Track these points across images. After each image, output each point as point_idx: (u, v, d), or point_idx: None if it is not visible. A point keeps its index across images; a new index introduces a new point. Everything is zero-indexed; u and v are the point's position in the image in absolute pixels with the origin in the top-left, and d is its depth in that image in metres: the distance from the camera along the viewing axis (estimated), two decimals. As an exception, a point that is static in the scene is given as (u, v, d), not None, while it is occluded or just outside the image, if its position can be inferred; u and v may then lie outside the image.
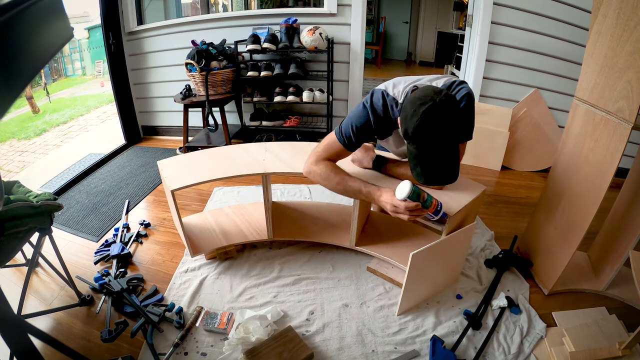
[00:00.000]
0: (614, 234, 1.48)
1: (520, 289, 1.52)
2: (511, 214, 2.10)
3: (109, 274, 1.56)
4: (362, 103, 1.24)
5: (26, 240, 1.30)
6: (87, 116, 5.04)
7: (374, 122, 1.22)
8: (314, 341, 1.29)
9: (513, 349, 1.25)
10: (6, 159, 3.70)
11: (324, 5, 2.69)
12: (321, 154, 1.32)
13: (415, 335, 1.30)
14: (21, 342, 0.87)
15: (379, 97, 1.21)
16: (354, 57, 2.80)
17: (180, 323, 1.34)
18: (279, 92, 2.74)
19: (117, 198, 2.28)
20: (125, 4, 2.91)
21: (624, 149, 1.15)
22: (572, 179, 1.39)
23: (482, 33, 2.55)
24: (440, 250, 1.30)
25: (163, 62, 3.07)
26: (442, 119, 1.00)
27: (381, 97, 1.21)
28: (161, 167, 1.56)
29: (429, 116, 0.99)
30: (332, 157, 1.33)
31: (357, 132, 1.24)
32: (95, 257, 1.71)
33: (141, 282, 1.56)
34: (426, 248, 1.23)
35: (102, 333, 1.28)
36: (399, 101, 1.18)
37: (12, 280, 1.62)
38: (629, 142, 1.13)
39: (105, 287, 1.47)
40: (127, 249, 1.73)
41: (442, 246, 1.29)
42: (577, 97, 1.37)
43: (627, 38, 1.10)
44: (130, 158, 2.93)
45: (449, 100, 1.01)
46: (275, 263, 1.65)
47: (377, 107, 1.21)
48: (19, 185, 1.40)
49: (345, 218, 1.77)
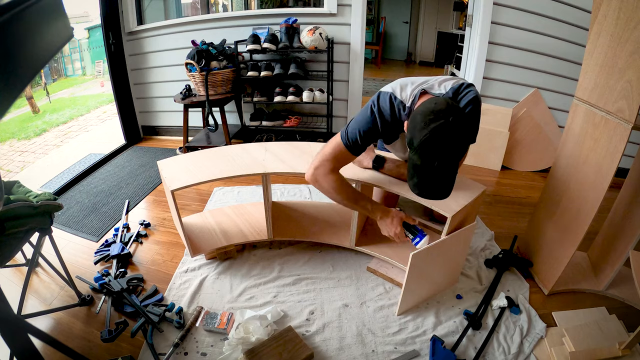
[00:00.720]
0: (614, 234, 1.48)
1: (520, 289, 1.52)
2: (511, 214, 2.10)
3: (109, 274, 1.56)
4: (369, 107, 1.23)
5: (26, 240, 1.30)
6: (87, 116, 5.04)
7: (381, 127, 1.21)
8: (314, 341, 1.29)
9: (513, 349, 1.25)
10: (6, 159, 3.71)
11: (324, 5, 2.69)
12: (326, 160, 1.27)
13: (415, 335, 1.30)
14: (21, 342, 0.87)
15: (386, 100, 1.19)
16: (354, 57, 2.80)
17: (180, 323, 1.34)
18: (279, 92, 2.74)
19: (117, 198, 2.28)
20: (125, 4, 2.91)
21: (624, 149, 1.15)
22: (572, 179, 1.39)
23: (482, 33, 2.55)
24: (440, 250, 1.30)
25: (163, 62, 3.07)
26: (450, 139, 0.98)
27: (388, 100, 1.19)
28: (161, 167, 1.56)
29: (439, 134, 0.97)
30: (339, 163, 1.29)
31: (364, 136, 1.22)
32: (95, 257, 1.71)
33: (141, 282, 1.56)
34: (426, 248, 1.23)
35: (102, 333, 1.28)
36: (406, 105, 1.17)
37: (12, 280, 1.62)
38: (629, 142, 1.13)
39: (105, 287, 1.47)
40: (127, 249, 1.73)
41: (442, 246, 1.29)
42: (577, 97, 1.37)
43: (627, 38, 1.10)
44: (130, 158, 2.93)
45: (460, 121, 0.99)
46: (275, 263, 1.65)
47: (385, 112, 1.19)
48: (19, 185, 1.40)
49: (345, 218, 1.77)
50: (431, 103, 1.03)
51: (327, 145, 1.30)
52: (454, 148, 1.00)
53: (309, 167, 1.31)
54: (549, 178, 1.56)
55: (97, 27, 3.26)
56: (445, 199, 1.09)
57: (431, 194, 1.07)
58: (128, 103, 3.21)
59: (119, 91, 3.10)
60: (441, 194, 1.07)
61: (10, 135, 4.14)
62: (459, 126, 0.98)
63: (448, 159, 1.00)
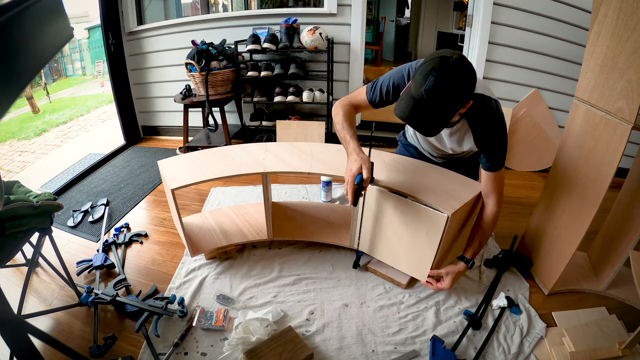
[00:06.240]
0: (614, 234, 1.48)
1: (520, 289, 1.52)
2: (511, 214, 2.10)
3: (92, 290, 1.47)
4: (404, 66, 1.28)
5: (26, 240, 1.30)
6: (87, 116, 5.05)
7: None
8: (314, 341, 1.29)
9: (513, 349, 1.25)
10: (6, 159, 3.71)
11: (324, 5, 2.69)
12: (346, 97, 1.42)
13: (415, 335, 1.30)
14: (21, 342, 0.87)
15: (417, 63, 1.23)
16: (354, 57, 2.80)
17: (183, 312, 1.34)
18: (279, 92, 2.74)
19: (117, 198, 2.28)
20: (125, 4, 2.91)
21: (624, 149, 1.15)
22: (572, 179, 1.39)
23: (482, 33, 2.55)
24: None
25: (163, 62, 3.07)
26: (445, 72, 1.02)
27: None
28: (161, 166, 1.56)
29: (434, 63, 1.03)
30: (354, 99, 1.40)
31: (389, 86, 1.28)
32: (77, 267, 1.63)
33: (126, 282, 1.53)
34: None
35: (91, 348, 1.24)
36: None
37: (12, 280, 1.62)
38: (629, 142, 1.13)
39: (95, 302, 1.41)
40: (110, 260, 1.67)
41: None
42: (577, 97, 1.37)
43: (627, 38, 1.10)
44: (130, 158, 2.93)
45: (459, 63, 1.03)
46: (275, 263, 1.65)
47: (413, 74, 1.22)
48: (19, 185, 1.40)
49: (345, 218, 1.77)
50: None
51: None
52: (446, 81, 1.02)
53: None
54: (549, 178, 1.56)
55: (97, 27, 3.26)
56: (426, 134, 1.12)
57: (411, 120, 1.09)
58: (128, 103, 3.21)
59: (119, 91, 3.10)
60: (420, 124, 1.10)
61: (10, 135, 4.15)
62: (456, 65, 1.03)
63: (437, 89, 1.02)
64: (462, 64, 1.04)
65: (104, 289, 1.46)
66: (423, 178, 1.44)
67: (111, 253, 1.75)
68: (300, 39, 2.61)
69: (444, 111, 1.08)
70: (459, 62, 1.03)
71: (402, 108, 1.09)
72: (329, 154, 1.62)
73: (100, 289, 1.50)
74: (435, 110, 1.06)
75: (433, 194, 1.31)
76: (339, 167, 1.49)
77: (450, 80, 1.02)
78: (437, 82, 1.02)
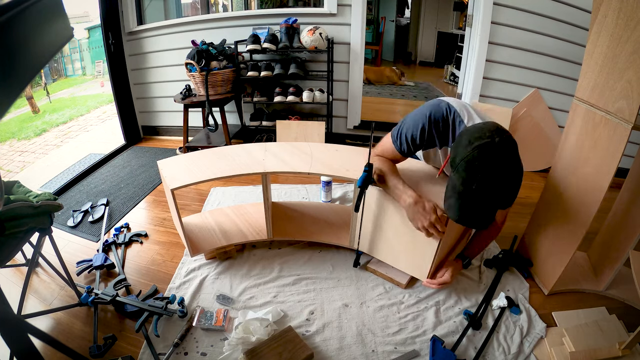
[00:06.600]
0: (614, 234, 1.48)
1: (520, 289, 1.52)
2: (511, 214, 2.07)
3: (92, 290, 1.48)
4: (423, 108, 1.23)
5: (26, 240, 1.30)
6: (87, 116, 5.05)
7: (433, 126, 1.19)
8: (314, 341, 1.29)
9: (513, 349, 1.25)
10: (6, 159, 3.71)
11: (324, 5, 2.69)
12: (376, 153, 1.39)
13: (415, 335, 1.30)
14: (21, 342, 0.87)
15: (441, 105, 1.19)
16: (354, 57, 2.80)
17: (183, 312, 1.34)
18: (279, 92, 2.74)
19: (117, 198, 2.28)
20: (125, 4, 2.91)
21: (624, 149, 1.15)
22: (572, 179, 1.39)
23: (482, 33, 2.55)
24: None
25: (163, 62, 3.07)
26: (494, 161, 0.95)
27: (445, 106, 1.19)
28: (161, 166, 1.56)
29: (482, 152, 0.95)
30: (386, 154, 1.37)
31: (413, 136, 1.23)
32: (77, 267, 1.64)
33: (126, 282, 1.53)
34: None
35: (91, 348, 1.25)
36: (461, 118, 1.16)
37: (12, 280, 1.62)
38: (629, 142, 1.13)
39: (95, 302, 1.41)
40: (110, 260, 1.67)
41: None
42: (577, 97, 1.37)
43: (627, 38, 1.10)
44: (130, 158, 2.93)
45: (507, 144, 0.97)
46: (275, 263, 1.65)
47: (439, 113, 1.19)
48: (19, 185, 1.40)
49: (345, 218, 1.77)
50: (480, 123, 1.02)
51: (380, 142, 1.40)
52: (496, 171, 0.96)
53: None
54: (549, 178, 1.56)
55: (97, 27, 3.26)
56: (483, 229, 1.08)
57: (465, 219, 1.04)
58: (128, 103, 3.21)
59: (119, 91, 3.10)
60: (475, 220, 1.03)
61: (10, 135, 4.15)
62: (504, 149, 0.95)
63: (488, 182, 0.96)
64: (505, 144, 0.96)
65: (104, 289, 1.46)
66: (423, 179, 1.44)
67: (111, 253, 1.75)
68: (300, 39, 2.61)
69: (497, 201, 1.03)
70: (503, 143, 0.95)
71: (464, 213, 1.03)
72: (329, 154, 1.62)
73: (100, 289, 1.50)
74: (491, 197, 1.01)
75: (433, 195, 1.31)
76: (339, 167, 1.49)
77: (502, 162, 0.96)
78: (484, 179, 0.95)
